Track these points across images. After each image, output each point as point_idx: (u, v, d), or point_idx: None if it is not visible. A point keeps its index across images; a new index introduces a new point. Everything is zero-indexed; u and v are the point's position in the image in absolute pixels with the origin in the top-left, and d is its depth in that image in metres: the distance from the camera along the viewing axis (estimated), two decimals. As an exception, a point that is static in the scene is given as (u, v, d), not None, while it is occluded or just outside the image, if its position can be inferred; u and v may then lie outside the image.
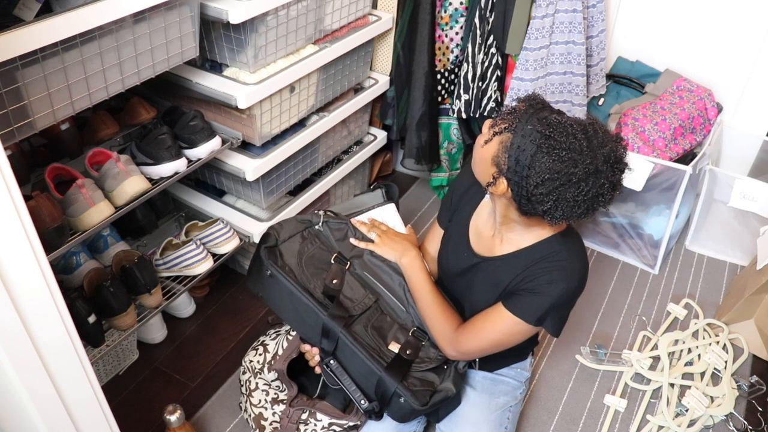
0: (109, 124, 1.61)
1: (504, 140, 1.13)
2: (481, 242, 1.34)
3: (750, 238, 2.07)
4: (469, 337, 1.28)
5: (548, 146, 1.07)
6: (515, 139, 1.11)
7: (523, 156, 1.09)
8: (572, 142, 1.06)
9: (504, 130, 1.13)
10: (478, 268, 1.33)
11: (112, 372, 1.72)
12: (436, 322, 1.32)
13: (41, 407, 0.96)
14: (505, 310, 1.24)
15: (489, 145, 1.16)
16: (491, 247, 1.31)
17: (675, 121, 2.00)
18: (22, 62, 1.09)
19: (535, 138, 1.08)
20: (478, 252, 1.33)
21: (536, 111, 1.12)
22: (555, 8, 1.92)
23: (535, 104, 1.14)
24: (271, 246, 1.35)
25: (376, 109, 2.22)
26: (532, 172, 1.08)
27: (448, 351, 1.32)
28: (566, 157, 1.06)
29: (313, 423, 1.42)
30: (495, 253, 1.30)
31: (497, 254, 1.29)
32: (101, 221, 1.35)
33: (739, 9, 2.03)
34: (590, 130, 1.09)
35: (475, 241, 1.35)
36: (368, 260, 1.40)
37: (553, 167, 1.07)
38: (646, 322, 1.93)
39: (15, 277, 0.85)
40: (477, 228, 1.35)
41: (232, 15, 1.45)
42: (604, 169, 1.08)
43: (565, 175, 1.07)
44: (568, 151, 1.06)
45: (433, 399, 1.25)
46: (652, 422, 1.63)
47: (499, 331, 1.25)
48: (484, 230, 1.33)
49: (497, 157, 1.14)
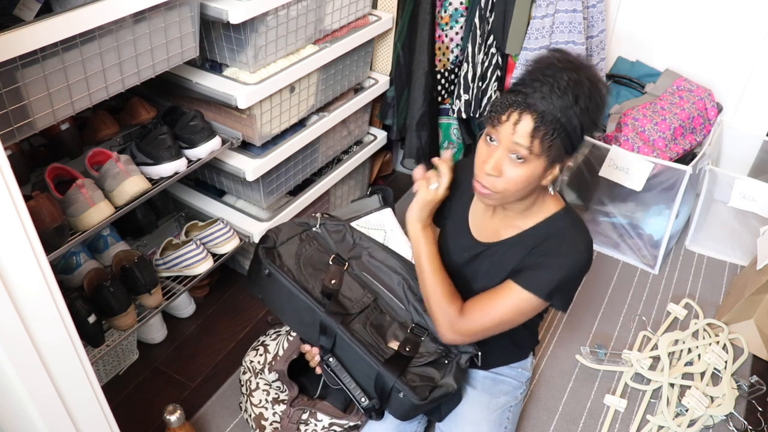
0: (109, 124, 1.61)
1: (558, 146, 1.11)
2: (483, 230, 1.33)
3: (750, 238, 2.07)
4: (474, 315, 1.24)
5: (574, 98, 1.08)
6: (553, 127, 1.08)
7: (573, 126, 1.09)
8: (562, 75, 1.08)
9: (553, 141, 1.09)
10: (483, 255, 1.32)
11: (112, 372, 1.72)
12: (440, 305, 1.26)
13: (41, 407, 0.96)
14: (515, 285, 1.22)
15: (535, 163, 1.12)
16: (495, 232, 1.30)
17: (675, 121, 2.00)
18: (22, 62, 1.09)
19: (578, 112, 1.09)
20: (481, 240, 1.33)
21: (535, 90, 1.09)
22: (555, 8, 1.92)
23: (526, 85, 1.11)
24: (269, 247, 1.35)
25: (376, 109, 2.22)
26: (586, 119, 1.11)
27: (449, 335, 1.27)
28: (593, 90, 1.09)
29: (313, 423, 1.42)
30: (500, 237, 1.29)
31: (502, 238, 1.28)
32: (101, 221, 1.35)
33: (739, 9, 2.03)
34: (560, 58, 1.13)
35: (476, 229, 1.34)
36: (367, 261, 1.40)
37: (598, 113, 1.11)
38: (646, 322, 1.93)
39: (15, 277, 0.85)
40: (477, 216, 1.35)
41: (232, 15, 1.45)
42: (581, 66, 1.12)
43: (602, 99, 1.12)
44: (583, 81, 1.09)
45: (433, 394, 1.24)
46: (652, 422, 1.63)
47: (507, 307, 1.22)
48: (485, 217, 1.33)
49: (557, 157, 1.13)
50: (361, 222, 1.50)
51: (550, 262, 1.21)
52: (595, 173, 2.04)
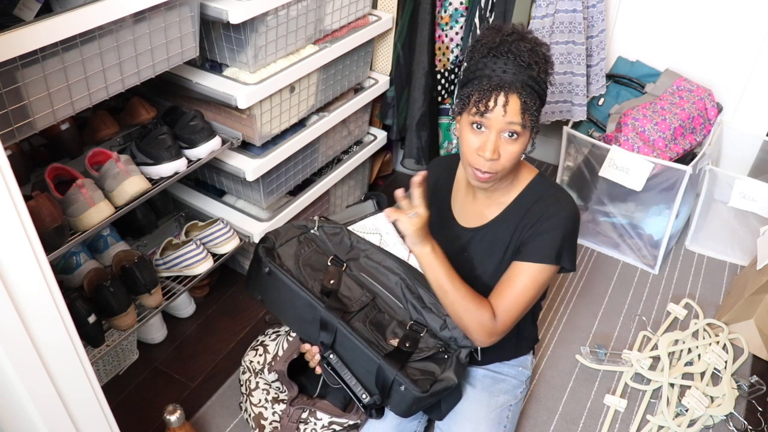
0: (109, 124, 1.61)
1: (539, 113, 1.17)
2: (468, 216, 1.36)
3: (750, 238, 2.07)
4: (505, 311, 1.25)
5: (536, 64, 1.14)
6: (534, 98, 1.15)
7: (543, 90, 1.17)
8: (528, 37, 1.16)
9: (538, 110, 1.16)
10: (473, 241, 1.34)
11: (112, 372, 1.72)
12: (472, 314, 1.24)
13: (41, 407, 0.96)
14: (523, 263, 1.24)
15: (524, 133, 1.17)
16: (480, 215, 1.33)
17: (675, 121, 2.00)
18: (22, 62, 1.09)
19: (538, 71, 1.14)
20: (469, 226, 1.35)
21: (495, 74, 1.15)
22: (555, 8, 1.92)
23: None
24: (269, 247, 1.35)
25: (376, 109, 2.22)
26: (547, 80, 1.18)
27: (488, 339, 1.26)
28: (536, 46, 1.15)
29: (313, 422, 1.42)
30: (486, 218, 1.32)
31: (489, 219, 1.32)
32: (101, 221, 1.35)
33: (739, 9, 2.03)
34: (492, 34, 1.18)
35: (461, 217, 1.37)
36: (364, 262, 1.41)
37: (549, 63, 1.18)
38: (646, 322, 1.93)
39: (15, 277, 0.85)
40: (459, 205, 1.38)
41: (232, 15, 1.45)
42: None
43: (547, 51, 1.18)
44: (521, 37, 1.15)
45: (434, 387, 1.24)
46: (652, 422, 1.63)
47: (527, 287, 1.24)
48: (467, 203, 1.36)
49: (535, 120, 1.17)
50: (357, 227, 1.51)
51: (544, 228, 1.24)
52: (595, 173, 2.04)
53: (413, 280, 1.37)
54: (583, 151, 2.10)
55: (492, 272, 1.33)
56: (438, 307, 1.35)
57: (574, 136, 2.10)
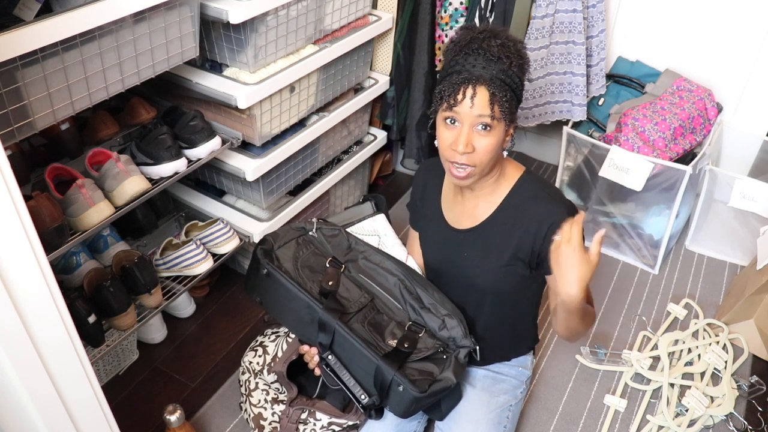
0: (109, 124, 1.61)
1: (511, 105, 1.17)
2: (459, 217, 1.36)
3: (750, 238, 2.07)
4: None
5: (507, 59, 1.15)
6: (504, 90, 1.16)
7: (516, 84, 1.17)
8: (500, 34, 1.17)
9: (509, 101, 1.16)
10: (466, 242, 1.34)
11: (112, 372, 1.72)
12: (591, 315, 1.27)
13: (41, 407, 0.96)
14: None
15: (498, 127, 1.18)
16: (471, 216, 1.33)
17: (675, 121, 2.00)
18: (22, 62, 1.09)
19: (509, 65, 1.15)
20: (460, 228, 1.35)
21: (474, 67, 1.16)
22: (555, 8, 1.92)
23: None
24: (267, 249, 1.35)
25: (376, 109, 2.22)
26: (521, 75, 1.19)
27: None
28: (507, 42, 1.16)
29: (312, 422, 1.42)
30: (479, 219, 1.32)
31: (481, 219, 1.32)
32: (101, 221, 1.35)
33: (739, 9, 2.03)
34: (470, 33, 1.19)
35: (453, 220, 1.37)
36: (363, 263, 1.41)
37: (525, 57, 1.19)
38: (646, 322, 1.93)
39: (15, 277, 0.85)
40: (449, 207, 1.38)
41: (232, 15, 1.45)
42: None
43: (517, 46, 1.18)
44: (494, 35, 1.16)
45: (433, 387, 1.24)
46: (652, 422, 1.63)
47: None
48: (459, 205, 1.35)
49: (511, 115, 1.18)
50: (355, 228, 1.51)
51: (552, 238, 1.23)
52: (595, 173, 2.04)
53: (412, 281, 1.37)
54: (583, 151, 2.10)
55: (487, 273, 1.33)
56: (436, 308, 1.35)
57: (574, 136, 2.10)
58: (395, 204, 2.40)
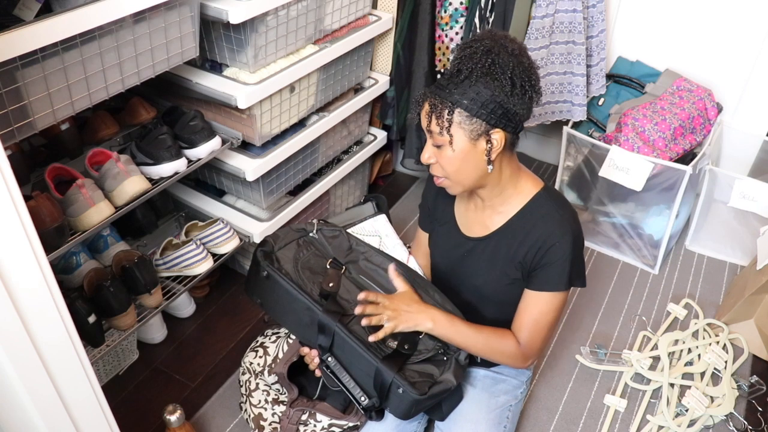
0: (109, 124, 1.61)
1: (461, 120, 1.15)
2: (471, 225, 1.36)
3: (750, 238, 2.07)
4: (530, 338, 1.29)
5: (486, 71, 1.12)
6: (466, 106, 1.13)
7: (484, 99, 1.13)
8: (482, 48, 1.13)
9: (448, 115, 1.15)
10: (476, 250, 1.34)
11: (112, 372, 1.72)
12: (498, 351, 1.30)
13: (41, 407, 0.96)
14: (538, 293, 1.27)
15: (454, 141, 1.17)
16: (484, 225, 1.33)
17: (675, 121, 2.00)
18: (22, 62, 1.09)
19: (476, 81, 1.12)
20: (472, 236, 1.35)
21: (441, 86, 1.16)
22: (555, 8, 1.92)
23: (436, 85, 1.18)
24: (267, 251, 1.35)
25: (376, 109, 2.22)
26: (503, 98, 1.14)
27: (524, 363, 1.33)
28: (496, 57, 1.12)
29: (312, 424, 1.42)
30: (490, 229, 1.32)
31: (493, 229, 1.32)
32: (101, 221, 1.35)
33: (739, 9, 2.03)
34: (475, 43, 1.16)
35: (465, 226, 1.37)
36: (364, 265, 1.41)
37: (505, 74, 1.12)
38: (646, 322, 1.93)
39: (15, 277, 0.85)
40: (462, 213, 1.38)
41: (232, 15, 1.45)
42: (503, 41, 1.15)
43: (508, 64, 1.13)
44: (487, 52, 1.12)
45: (433, 390, 1.24)
46: (652, 422, 1.63)
47: (547, 314, 1.28)
48: (471, 212, 1.35)
49: (473, 131, 1.16)
50: (356, 229, 1.51)
51: (552, 257, 1.24)
52: (595, 173, 2.04)
53: (413, 282, 1.37)
54: (583, 151, 2.10)
55: (491, 283, 1.34)
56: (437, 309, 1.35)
57: (574, 136, 2.10)
58: (395, 204, 2.40)
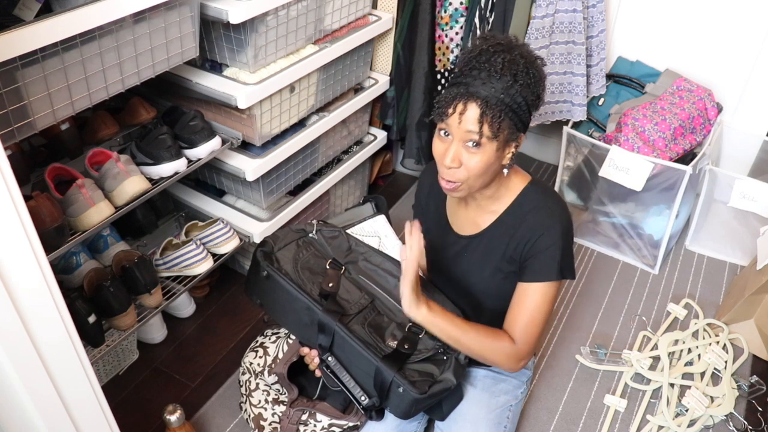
0: (109, 124, 1.61)
1: (508, 125, 1.15)
2: (463, 223, 1.36)
3: (750, 238, 2.07)
4: (523, 334, 1.26)
5: (513, 77, 1.12)
6: (511, 117, 1.13)
7: (517, 103, 1.13)
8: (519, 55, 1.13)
9: (500, 118, 1.13)
10: (468, 248, 1.34)
11: (112, 372, 1.72)
12: (491, 349, 1.26)
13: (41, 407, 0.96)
14: (529, 284, 1.25)
15: (489, 148, 1.15)
16: (475, 223, 1.33)
17: (675, 121, 2.00)
18: (22, 62, 1.09)
19: (516, 90, 1.12)
20: (464, 234, 1.35)
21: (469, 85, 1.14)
22: (555, 8, 1.92)
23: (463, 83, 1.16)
24: (267, 251, 1.35)
25: (376, 109, 2.22)
26: (529, 106, 1.15)
27: (517, 365, 1.28)
28: (529, 66, 1.13)
29: (312, 424, 1.42)
30: (481, 226, 1.32)
31: (484, 227, 1.32)
32: (101, 221, 1.35)
33: (739, 9, 2.03)
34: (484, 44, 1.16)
35: (456, 225, 1.37)
36: (363, 265, 1.41)
37: (539, 83, 1.14)
38: (646, 322, 1.93)
39: (15, 277, 0.85)
40: (453, 212, 1.38)
41: (232, 15, 1.45)
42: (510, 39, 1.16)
43: (536, 73, 1.14)
44: (517, 60, 1.12)
45: (433, 389, 1.24)
46: (652, 422, 1.63)
47: (541, 306, 1.26)
48: (462, 210, 1.35)
49: (508, 138, 1.16)
50: (356, 230, 1.51)
51: (542, 246, 1.23)
52: (595, 173, 2.04)
53: None
54: (583, 151, 2.10)
55: (486, 280, 1.34)
56: None
57: (574, 136, 2.10)
58: (395, 204, 2.40)
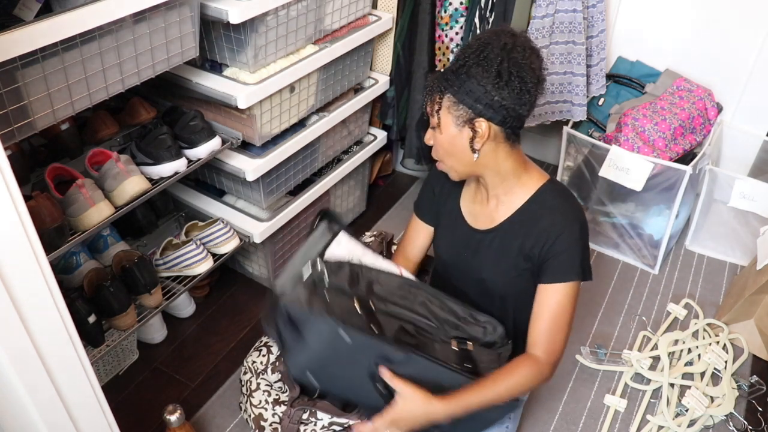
0: (109, 124, 1.61)
1: (449, 105, 1.19)
2: (478, 217, 1.35)
3: (750, 238, 2.07)
4: (551, 337, 1.26)
5: (476, 62, 1.15)
6: (454, 92, 1.17)
7: (470, 88, 1.16)
8: (479, 42, 1.17)
9: (439, 99, 1.20)
10: (483, 243, 1.34)
11: (112, 372, 1.72)
12: (520, 384, 1.24)
13: (41, 407, 0.96)
14: (552, 285, 1.25)
15: (442, 124, 1.21)
16: (490, 218, 1.33)
17: (675, 121, 2.00)
18: (22, 62, 1.09)
19: (466, 71, 1.16)
20: (479, 228, 1.35)
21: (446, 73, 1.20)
22: (555, 8, 1.92)
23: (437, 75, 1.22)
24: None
25: (376, 109, 2.22)
26: (490, 89, 1.16)
27: (550, 374, 1.28)
28: (488, 51, 1.15)
29: (313, 422, 1.42)
30: (496, 221, 1.32)
31: (499, 222, 1.31)
32: (101, 221, 1.35)
33: (738, 10, 2.03)
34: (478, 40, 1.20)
35: (472, 219, 1.37)
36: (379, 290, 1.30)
37: (492, 66, 1.15)
38: (646, 322, 1.93)
39: (15, 277, 0.85)
40: (469, 206, 1.38)
41: (232, 15, 1.45)
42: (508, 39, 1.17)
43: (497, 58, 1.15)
44: (484, 46, 1.16)
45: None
46: (652, 422, 1.63)
47: (566, 306, 1.25)
48: (477, 204, 1.35)
49: (458, 118, 1.19)
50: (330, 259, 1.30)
51: (562, 246, 1.23)
52: (595, 173, 2.04)
53: (437, 295, 1.32)
54: (583, 151, 2.10)
55: (498, 276, 1.33)
56: (474, 316, 1.32)
57: (574, 136, 2.10)
58: (395, 204, 2.40)
